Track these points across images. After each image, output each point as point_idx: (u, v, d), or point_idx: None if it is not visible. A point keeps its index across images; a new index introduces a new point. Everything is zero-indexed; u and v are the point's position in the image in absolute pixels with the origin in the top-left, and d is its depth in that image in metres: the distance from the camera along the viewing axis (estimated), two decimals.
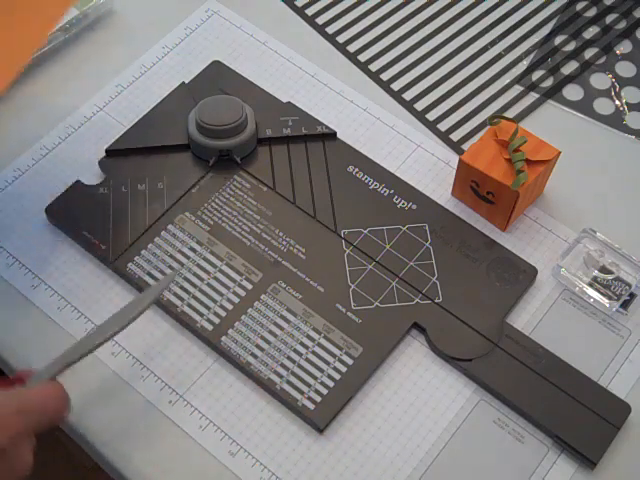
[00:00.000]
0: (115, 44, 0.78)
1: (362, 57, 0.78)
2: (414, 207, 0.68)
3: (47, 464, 1.20)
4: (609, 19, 0.81)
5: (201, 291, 0.64)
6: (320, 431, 0.60)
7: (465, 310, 0.63)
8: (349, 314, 0.63)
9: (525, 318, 0.64)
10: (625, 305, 0.65)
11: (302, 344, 0.62)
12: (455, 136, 0.74)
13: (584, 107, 0.76)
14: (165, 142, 0.71)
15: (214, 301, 0.64)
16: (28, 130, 0.73)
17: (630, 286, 0.65)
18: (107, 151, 0.71)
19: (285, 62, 0.77)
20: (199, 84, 0.74)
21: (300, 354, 0.62)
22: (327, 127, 0.72)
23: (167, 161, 0.70)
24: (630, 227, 0.69)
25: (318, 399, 0.60)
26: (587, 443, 0.58)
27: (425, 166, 0.71)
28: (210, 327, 0.63)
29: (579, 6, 0.82)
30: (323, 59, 0.78)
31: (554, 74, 0.77)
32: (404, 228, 0.67)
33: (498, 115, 0.66)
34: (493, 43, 0.79)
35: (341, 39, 0.79)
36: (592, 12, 0.81)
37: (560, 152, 0.66)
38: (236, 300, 0.64)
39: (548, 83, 0.77)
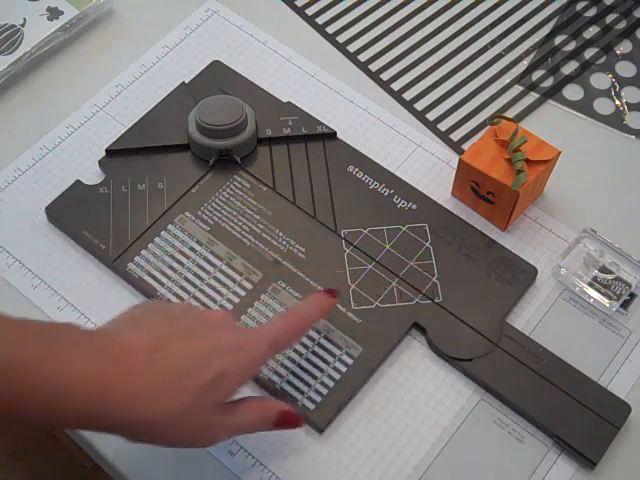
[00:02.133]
0: (115, 44, 0.78)
1: (362, 57, 0.78)
2: (414, 207, 0.68)
3: (47, 464, 1.20)
4: (609, 19, 0.81)
5: (201, 291, 0.64)
6: (320, 431, 0.59)
7: (465, 310, 0.63)
8: (349, 314, 0.63)
9: (525, 318, 0.64)
10: (625, 305, 0.65)
11: (302, 344, 0.62)
12: (455, 136, 0.74)
13: (584, 107, 0.76)
14: (165, 142, 0.71)
15: (214, 301, 0.64)
16: (28, 130, 0.73)
17: (630, 286, 0.65)
18: (107, 151, 0.71)
19: (285, 62, 0.77)
20: (199, 84, 0.74)
21: (300, 354, 0.62)
22: (327, 127, 0.72)
23: (167, 161, 0.70)
24: (630, 227, 0.69)
25: (318, 399, 0.60)
26: (587, 443, 0.58)
27: (425, 166, 0.71)
28: None
29: (579, 6, 0.82)
30: (323, 59, 0.78)
31: (554, 74, 0.77)
32: (404, 228, 0.67)
33: (498, 115, 0.66)
34: (493, 43, 0.79)
35: (341, 39, 0.79)
36: (592, 12, 0.81)
37: (560, 152, 0.66)
38: (236, 300, 0.64)
39: (548, 83, 0.77)
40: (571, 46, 0.79)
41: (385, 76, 0.77)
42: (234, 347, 0.52)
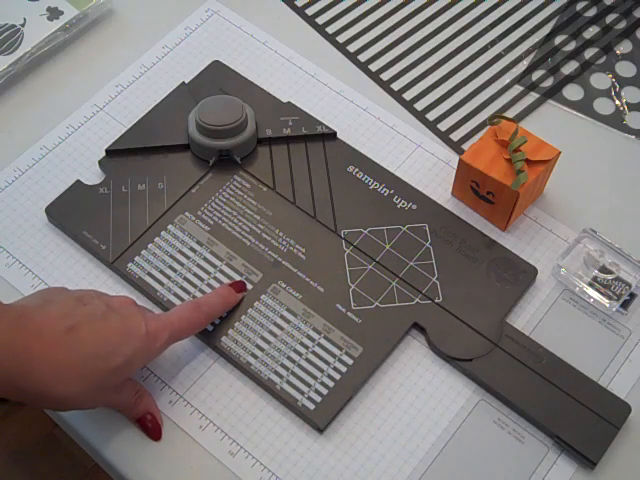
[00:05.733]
0: (115, 44, 0.78)
1: (362, 57, 0.78)
2: (414, 207, 0.68)
3: (47, 464, 1.20)
4: (609, 19, 0.81)
5: (201, 291, 0.64)
6: (320, 431, 0.60)
7: (465, 310, 0.63)
8: (349, 314, 0.63)
9: (525, 318, 0.64)
10: (625, 305, 0.65)
11: (302, 344, 0.62)
12: (455, 136, 0.74)
13: (584, 107, 0.76)
14: (165, 142, 0.71)
15: None
16: (28, 130, 0.73)
17: (630, 286, 0.65)
18: (107, 151, 0.71)
19: (285, 62, 0.77)
20: (199, 84, 0.74)
21: (300, 354, 0.62)
22: (327, 127, 0.72)
23: (167, 161, 0.70)
24: (630, 227, 0.69)
25: (318, 399, 0.60)
26: (587, 443, 0.58)
27: (425, 166, 0.71)
28: (210, 327, 0.62)
29: (579, 6, 0.82)
30: (323, 59, 0.78)
31: (554, 74, 0.77)
32: (404, 228, 0.67)
33: (498, 115, 0.66)
34: (493, 43, 0.79)
35: (341, 39, 0.79)
36: (592, 12, 0.81)
37: (560, 152, 0.66)
38: None
39: (548, 83, 0.77)
40: (571, 46, 0.79)
41: (385, 76, 0.77)
42: (141, 335, 0.55)
